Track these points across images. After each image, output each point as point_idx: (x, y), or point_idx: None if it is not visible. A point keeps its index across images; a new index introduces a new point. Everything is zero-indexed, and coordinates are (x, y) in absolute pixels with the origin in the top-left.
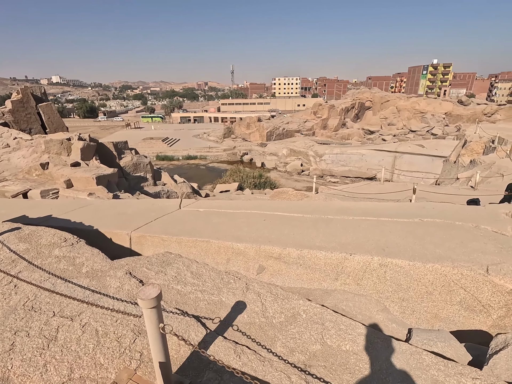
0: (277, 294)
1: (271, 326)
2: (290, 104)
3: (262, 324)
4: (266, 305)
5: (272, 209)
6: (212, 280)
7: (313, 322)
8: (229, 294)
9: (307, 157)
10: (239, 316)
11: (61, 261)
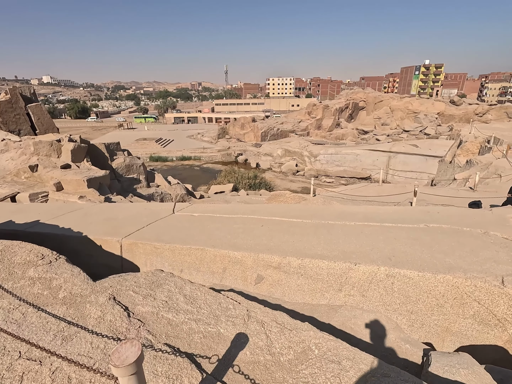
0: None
1: (279, 365)
2: (284, 104)
3: (268, 363)
4: (272, 338)
5: (269, 214)
6: (208, 306)
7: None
8: (228, 324)
9: (302, 157)
10: (240, 353)
11: (36, 284)
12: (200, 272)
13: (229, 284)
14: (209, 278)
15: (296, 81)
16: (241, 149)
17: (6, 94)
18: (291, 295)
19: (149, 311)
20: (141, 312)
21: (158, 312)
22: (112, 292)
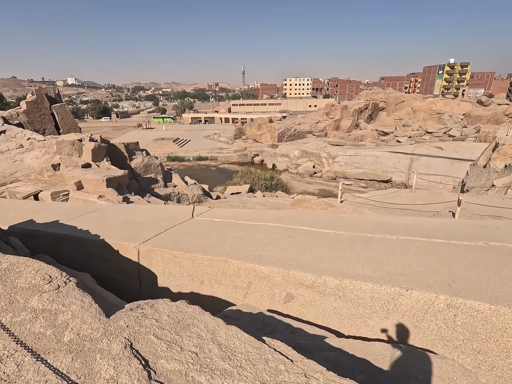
0: None
1: None
2: (301, 104)
3: None
4: None
5: (296, 222)
6: (252, 365)
7: None
8: None
9: (319, 158)
10: None
11: (38, 319)
12: (222, 285)
13: (254, 300)
14: (232, 292)
15: (314, 82)
16: (258, 149)
17: (33, 94)
18: (325, 319)
19: (175, 370)
20: (165, 371)
21: (187, 371)
22: (129, 336)
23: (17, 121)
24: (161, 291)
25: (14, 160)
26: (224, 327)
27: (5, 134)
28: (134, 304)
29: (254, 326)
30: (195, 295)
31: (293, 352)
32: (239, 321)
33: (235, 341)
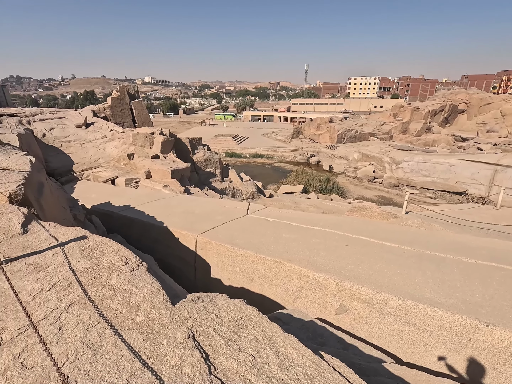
0: None
1: None
2: (365, 105)
3: None
4: None
5: (355, 231)
6: (310, 381)
7: None
8: None
9: (381, 163)
10: None
11: (116, 296)
12: (273, 285)
13: (304, 306)
14: (282, 294)
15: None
16: (315, 150)
17: (117, 91)
18: (382, 339)
19: (233, 369)
20: (224, 369)
21: (244, 373)
22: (191, 327)
23: (103, 114)
24: (214, 282)
25: (98, 148)
26: (282, 334)
27: (93, 125)
28: (196, 295)
29: (305, 334)
30: (245, 291)
31: (354, 376)
32: (290, 326)
33: (292, 351)
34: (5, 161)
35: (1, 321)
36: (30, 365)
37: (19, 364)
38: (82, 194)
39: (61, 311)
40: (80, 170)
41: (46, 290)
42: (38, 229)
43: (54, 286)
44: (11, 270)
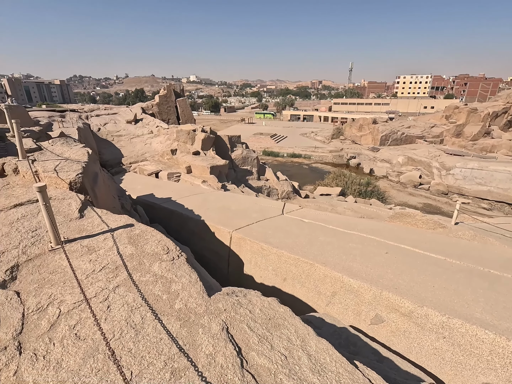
0: None
1: None
2: (414, 105)
3: None
4: None
5: (396, 239)
6: None
7: None
8: None
9: (429, 168)
10: None
11: (157, 283)
12: (305, 287)
13: (336, 312)
14: (314, 297)
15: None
16: (355, 152)
17: (164, 90)
18: (421, 357)
19: (265, 366)
20: (255, 364)
21: (276, 372)
22: (226, 320)
23: (151, 111)
24: (246, 278)
25: (145, 143)
26: (315, 337)
27: (141, 121)
28: (230, 289)
29: (337, 341)
30: (277, 290)
31: None
32: (321, 330)
33: (325, 356)
34: (67, 151)
35: (60, 294)
36: (83, 337)
37: (74, 335)
38: (129, 185)
39: (109, 291)
40: (128, 163)
41: (97, 271)
42: (92, 215)
43: (104, 268)
44: (69, 250)
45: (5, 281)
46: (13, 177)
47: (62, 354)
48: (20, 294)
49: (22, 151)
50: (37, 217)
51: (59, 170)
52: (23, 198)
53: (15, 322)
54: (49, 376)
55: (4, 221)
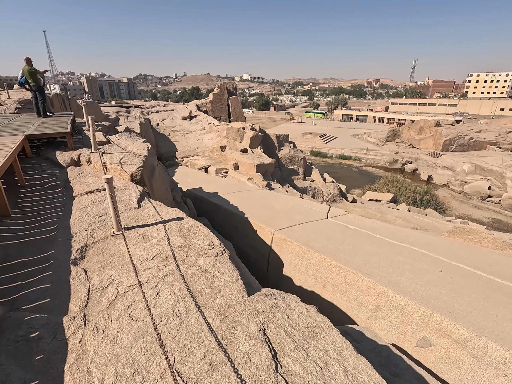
0: None
1: None
2: (487, 107)
3: None
4: None
5: (454, 257)
6: None
7: None
8: None
9: (501, 179)
10: None
11: (202, 276)
12: (345, 297)
13: (378, 327)
14: (355, 309)
15: None
16: (412, 156)
17: (218, 88)
18: None
19: (299, 374)
20: (290, 371)
21: (310, 382)
22: (263, 321)
23: (204, 108)
24: (285, 279)
25: (197, 138)
26: (353, 353)
27: (195, 118)
28: (269, 291)
29: (376, 358)
30: (315, 296)
31: None
32: (360, 345)
33: (363, 375)
34: (130, 145)
35: (119, 276)
36: (135, 318)
37: (128, 315)
38: (180, 178)
39: (159, 279)
40: (181, 157)
41: (150, 259)
42: (148, 206)
43: (156, 257)
44: (128, 237)
45: (76, 259)
46: (86, 166)
47: (118, 330)
48: (87, 272)
49: (95, 144)
50: (103, 204)
51: (123, 162)
52: (93, 186)
53: (82, 296)
54: (106, 348)
55: (78, 205)
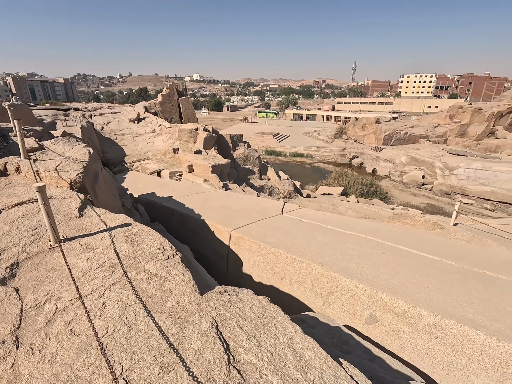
0: None
1: None
2: (418, 105)
3: None
4: None
5: (393, 240)
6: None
7: None
8: None
9: (432, 168)
10: None
11: (152, 281)
12: (302, 287)
13: (332, 311)
14: (311, 297)
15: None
16: (358, 151)
17: (167, 89)
18: (414, 356)
19: (251, 362)
20: (242, 360)
21: (261, 368)
22: (216, 317)
23: (154, 110)
24: (245, 277)
25: (148, 141)
26: (302, 335)
27: (144, 120)
28: (223, 288)
29: (329, 340)
30: (274, 290)
31: None
32: (314, 329)
33: (310, 353)
34: (69, 151)
35: (58, 291)
36: (77, 333)
37: (69, 330)
38: (131, 183)
39: (105, 288)
40: (131, 161)
41: (94, 269)
42: (91, 214)
43: (101, 266)
44: (68, 248)
45: (5, 278)
46: (15, 176)
47: (57, 348)
48: (19, 291)
49: (24, 150)
50: (37, 215)
51: (60, 169)
52: (24, 197)
53: (13, 317)
54: (44, 369)
55: (5, 219)
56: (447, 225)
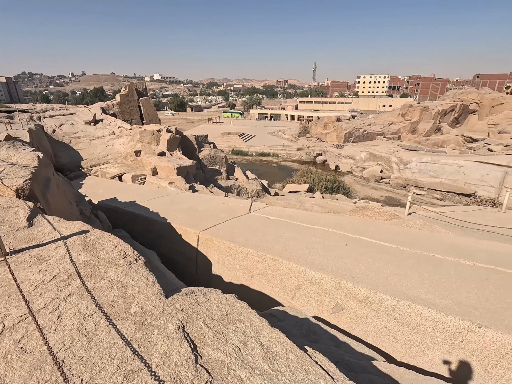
0: None
1: None
2: (374, 104)
3: None
4: None
5: (355, 231)
6: (291, 373)
7: None
8: None
9: (388, 163)
10: None
11: (113, 288)
12: (271, 283)
13: (301, 304)
14: (280, 292)
15: (391, 79)
16: (321, 149)
17: (126, 89)
18: (376, 338)
19: (219, 360)
20: (210, 359)
21: (229, 364)
22: (182, 319)
23: (112, 111)
24: (215, 278)
25: (107, 144)
26: (268, 328)
27: (102, 122)
28: (190, 289)
29: (298, 331)
30: (245, 288)
31: (335, 370)
32: (284, 323)
33: (277, 344)
34: (14, 156)
35: (5, 308)
36: (29, 350)
37: (19, 349)
38: (90, 189)
39: (60, 301)
40: (88, 166)
41: (47, 281)
42: (43, 223)
43: (55, 277)
44: (16, 261)
45: None
46: None
47: (5, 370)
48: None
49: None
50: None
51: (3, 176)
52: None
53: None
54: None
55: None
56: (402, 215)
